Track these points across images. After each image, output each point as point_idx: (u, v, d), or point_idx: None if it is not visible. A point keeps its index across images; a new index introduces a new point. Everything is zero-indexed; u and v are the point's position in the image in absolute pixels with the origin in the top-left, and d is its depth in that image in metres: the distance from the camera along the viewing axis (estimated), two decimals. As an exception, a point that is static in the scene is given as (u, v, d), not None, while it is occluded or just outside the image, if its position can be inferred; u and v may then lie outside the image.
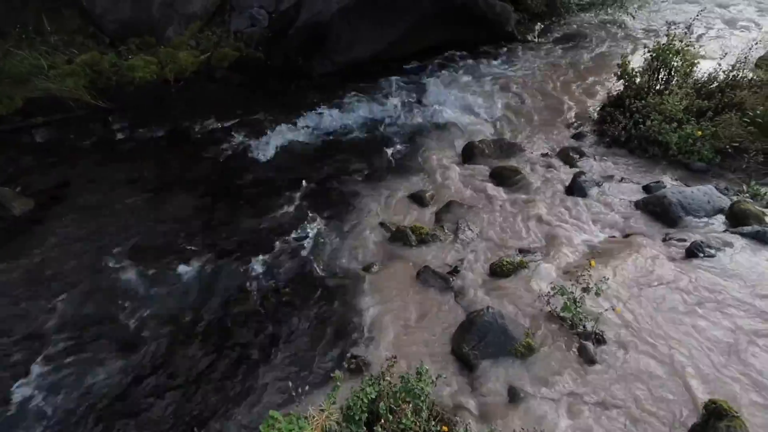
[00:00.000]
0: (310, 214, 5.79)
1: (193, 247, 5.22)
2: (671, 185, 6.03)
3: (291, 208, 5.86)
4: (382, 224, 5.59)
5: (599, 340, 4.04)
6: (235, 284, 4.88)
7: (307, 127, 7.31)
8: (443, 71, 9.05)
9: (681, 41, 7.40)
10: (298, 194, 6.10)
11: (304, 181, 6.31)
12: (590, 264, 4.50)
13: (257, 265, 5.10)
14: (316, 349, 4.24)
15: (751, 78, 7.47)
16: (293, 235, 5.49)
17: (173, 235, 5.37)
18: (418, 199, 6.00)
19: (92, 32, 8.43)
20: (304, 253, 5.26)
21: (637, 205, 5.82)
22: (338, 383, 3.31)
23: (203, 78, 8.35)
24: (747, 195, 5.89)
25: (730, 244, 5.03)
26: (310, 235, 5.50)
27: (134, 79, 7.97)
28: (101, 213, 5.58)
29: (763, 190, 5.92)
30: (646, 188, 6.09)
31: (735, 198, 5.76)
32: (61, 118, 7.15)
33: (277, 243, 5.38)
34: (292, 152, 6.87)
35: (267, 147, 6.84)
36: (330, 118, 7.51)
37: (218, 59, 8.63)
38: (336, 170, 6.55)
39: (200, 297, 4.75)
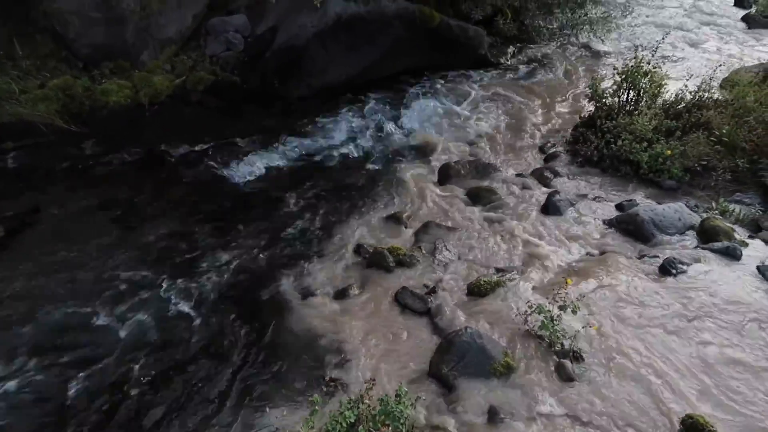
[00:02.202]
0: (286, 238, 5.75)
1: (164, 276, 5.13)
2: (643, 203, 6.14)
3: (267, 233, 5.81)
4: (359, 246, 5.58)
5: (577, 357, 4.06)
6: (209, 309, 4.80)
7: (283, 150, 7.29)
8: (418, 94, 9.15)
9: (648, 63, 7.61)
10: (274, 218, 6.06)
11: (279, 205, 6.28)
12: (566, 282, 4.54)
13: (230, 290, 5.04)
14: (294, 373, 4.18)
15: (717, 98, 7.70)
16: (268, 258, 5.44)
17: (143, 263, 5.28)
18: (395, 220, 6.01)
19: (65, 57, 8.35)
20: (280, 277, 5.21)
21: (611, 223, 5.91)
22: (316, 407, 3.27)
23: (178, 102, 8.31)
24: (716, 212, 6.03)
25: (701, 260, 5.13)
26: (286, 259, 5.46)
27: (108, 103, 7.89)
28: (72, 240, 5.47)
29: (731, 206, 6.06)
30: (619, 206, 6.20)
31: (705, 215, 5.89)
32: (32, 143, 7.02)
33: (252, 268, 5.32)
34: (268, 175, 6.85)
35: (242, 170, 6.80)
36: (306, 140, 7.52)
37: (194, 83, 8.60)
38: (312, 193, 6.54)
39: (172, 325, 4.66)
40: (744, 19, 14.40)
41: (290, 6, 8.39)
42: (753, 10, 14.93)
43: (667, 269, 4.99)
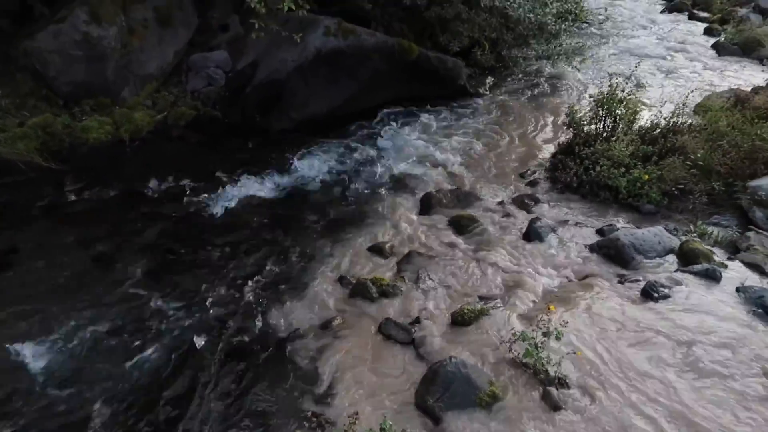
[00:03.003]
0: (269, 271, 5.71)
1: (144, 314, 5.06)
2: (623, 227, 6.21)
3: (249, 266, 5.77)
4: (342, 278, 5.55)
5: (562, 384, 4.04)
6: (189, 345, 4.72)
7: (265, 182, 7.30)
8: (399, 124, 9.25)
9: (623, 91, 7.78)
10: (256, 251, 6.02)
11: (261, 237, 6.26)
12: (549, 308, 4.54)
13: (211, 325, 4.97)
14: (275, 407, 4.11)
15: (691, 123, 7.88)
16: (251, 293, 5.39)
17: (123, 300, 5.21)
18: (378, 250, 6.00)
19: (45, 95, 8.34)
20: (263, 311, 5.16)
21: (592, 248, 5.95)
22: (299, 444, 3.21)
23: (159, 137, 8.30)
24: (695, 234, 6.11)
25: (682, 283, 5.17)
26: (269, 292, 5.41)
27: (88, 140, 7.86)
28: (50, 281, 5.38)
29: (709, 229, 6.15)
30: (600, 231, 6.25)
31: (684, 238, 5.96)
32: (11, 181, 6.96)
33: (234, 302, 5.27)
34: (250, 209, 6.83)
35: (225, 204, 6.78)
36: (287, 173, 7.54)
37: (175, 118, 8.62)
38: (295, 225, 6.52)
39: (152, 362, 4.58)
40: (714, 46, 14.81)
41: (271, 41, 8.49)
42: (722, 38, 15.38)
43: (648, 293, 5.02)
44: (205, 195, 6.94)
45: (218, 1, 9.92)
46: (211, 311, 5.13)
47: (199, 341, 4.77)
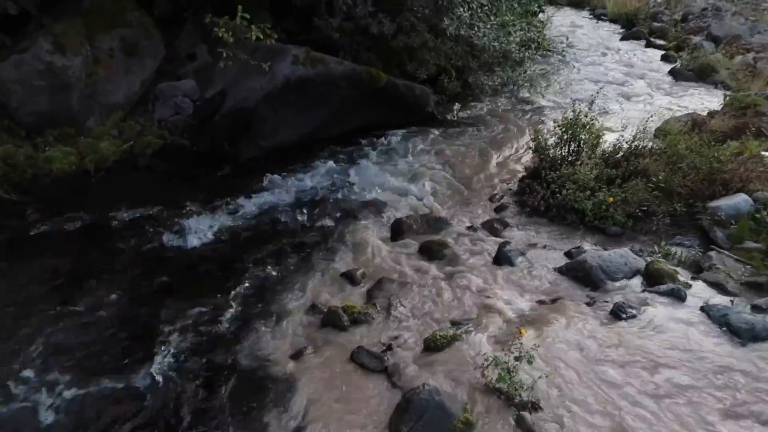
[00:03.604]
0: (239, 301, 5.61)
1: (111, 350, 4.92)
2: (591, 250, 6.31)
3: (218, 297, 5.66)
4: (313, 306, 5.50)
5: (536, 408, 4.05)
6: (157, 381, 4.59)
7: (234, 211, 7.22)
8: (369, 150, 9.30)
9: (586, 116, 7.99)
10: (225, 281, 5.93)
11: (231, 267, 6.17)
12: (521, 332, 4.57)
13: (181, 360, 4.85)
14: (247, 444, 4.01)
15: (651, 147, 8.12)
16: (220, 324, 5.29)
17: (88, 337, 5.05)
18: (349, 277, 5.97)
19: (7, 125, 8.16)
20: (234, 343, 5.06)
21: (561, 270, 6.04)
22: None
23: (126, 167, 8.17)
24: (659, 255, 6.25)
25: (649, 303, 5.27)
26: (239, 323, 5.32)
27: (52, 170, 7.69)
28: (9, 317, 5.20)
29: (673, 249, 6.30)
30: (568, 254, 6.35)
31: (649, 258, 6.09)
32: (-31, 214, 6.77)
33: (202, 334, 5.15)
34: (218, 237, 6.74)
35: (192, 233, 6.67)
36: (256, 201, 7.47)
37: (141, 147, 8.51)
38: (265, 253, 6.45)
39: (119, 400, 4.43)
40: (671, 72, 15.39)
41: (239, 70, 8.49)
42: (678, 64, 16.01)
43: (617, 314, 5.10)
44: (172, 225, 6.82)
45: (186, 30, 9.92)
46: (178, 343, 5.00)
47: (164, 374, 4.64)
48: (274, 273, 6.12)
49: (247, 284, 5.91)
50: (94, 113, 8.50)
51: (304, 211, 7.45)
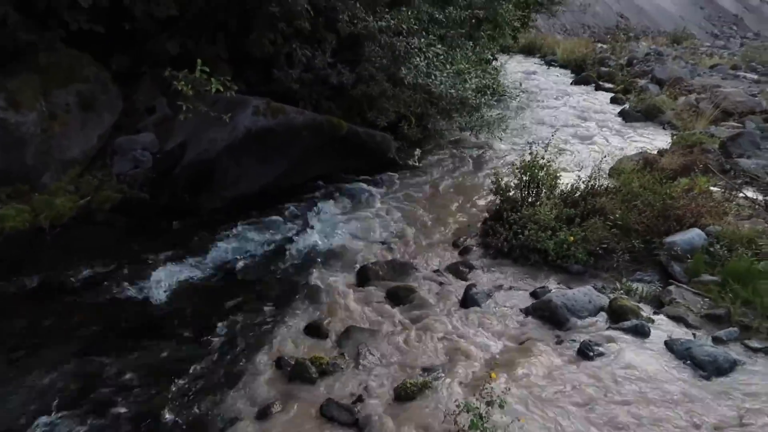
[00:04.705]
0: (201, 358, 5.42)
1: (66, 419, 4.67)
2: (555, 289, 6.39)
3: (180, 355, 5.47)
4: (280, 359, 5.35)
5: (510, 454, 3.99)
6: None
7: (195, 264, 7.06)
8: (332, 198, 9.31)
9: (543, 158, 8.21)
10: (187, 338, 5.74)
11: (193, 323, 6.00)
12: (491, 376, 4.54)
13: (142, 425, 4.63)
14: None
15: (607, 186, 8.38)
16: (182, 384, 5.08)
17: (41, 405, 4.79)
18: (315, 328, 5.86)
19: (-44, 184, 7.92)
20: (197, 404, 4.86)
21: (528, 311, 6.07)
22: None
23: (83, 223, 7.95)
24: (622, 291, 6.37)
25: (614, 340, 5.34)
26: (203, 382, 5.13)
27: (4, 229, 7.44)
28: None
29: (634, 285, 6.44)
30: (534, 294, 6.41)
31: (612, 295, 6.20)
32: None
33: (164, 396, 4.94)
34: (180, 292, 6.55)
35: (151, 289, 6.48)
36: (219, 253, 7.34)
37: (99, 202, 8.32)
38: (228, 306, 6.29)
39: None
40: (620, 113, 16.10)
41: (199, 122, 8.46)
42: (627, 105, 16.78)
43: (584, 352, 5.14)
44: (131, 280, 6.62)
45: (144, 83, 9.89)
46: (138, 407, 4.78)
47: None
48: (238, 327, 5.96)
49: (210, 340, 5.73)
50: (49, 169, 8.31)
51: (268, 261, 7.36)
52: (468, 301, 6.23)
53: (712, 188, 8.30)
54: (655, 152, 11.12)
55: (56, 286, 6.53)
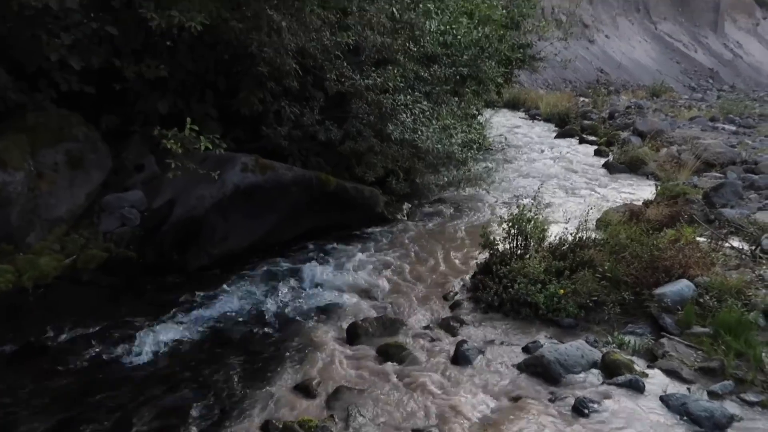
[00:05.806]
0: (187, 422, 5.25)
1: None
2: (547, 343, 6.30)
3: (165, 419, 5.29)
4: (267, 422, 5.18)
5: None
6: None
7: (182, 324, 6.92)
8: (321, 254, 9.28)
9: (530, 210, 8.28)
10: (173, 401, 5.57)
11: (179, 384, 5.83)
12: (485, 437, 4.43)
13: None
14: None
15: (595, 238, 8.43)
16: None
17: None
18: (304, 389, 5.71)
19: (-61, 244, 7.81)
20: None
21: (520, 367, 5.98)
22: None
23: (68, 283, 7.83)
24: (614, 345, 6.31)
25: (609, 396, 5.25)
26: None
27: (-15, 290, 7.31)
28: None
29: (626, 338, 6.38)
30: (526, 349, 6.32)
31: (604, 349, 6.13)
32: None
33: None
34: (165, 352, 6.40)
35: (137, 350, 6.32)
36: (206, 311, 7.23)
37: (85, 262, 8.22)
38: (214, 367, 6.14)
39: None
40: (604, 165, 16.41)
41: (188, 179, 8.48)
42: (611, 158, 17.11)
43: (579, 409, 5.03)
44: (116, 342, 6.47)
45: (133, 142, 9.95)
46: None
47: None
48: (223, 388, 5.80)
49: (194, 402, 5.55)
50: (34, 228, 8.23)
51: (255, 320, 7.24)
52: (459, 358, 6.13)
53: (698, 238, 8.38)
54: (641, 203, 11.27)
55: (36, 350, 6.37)
